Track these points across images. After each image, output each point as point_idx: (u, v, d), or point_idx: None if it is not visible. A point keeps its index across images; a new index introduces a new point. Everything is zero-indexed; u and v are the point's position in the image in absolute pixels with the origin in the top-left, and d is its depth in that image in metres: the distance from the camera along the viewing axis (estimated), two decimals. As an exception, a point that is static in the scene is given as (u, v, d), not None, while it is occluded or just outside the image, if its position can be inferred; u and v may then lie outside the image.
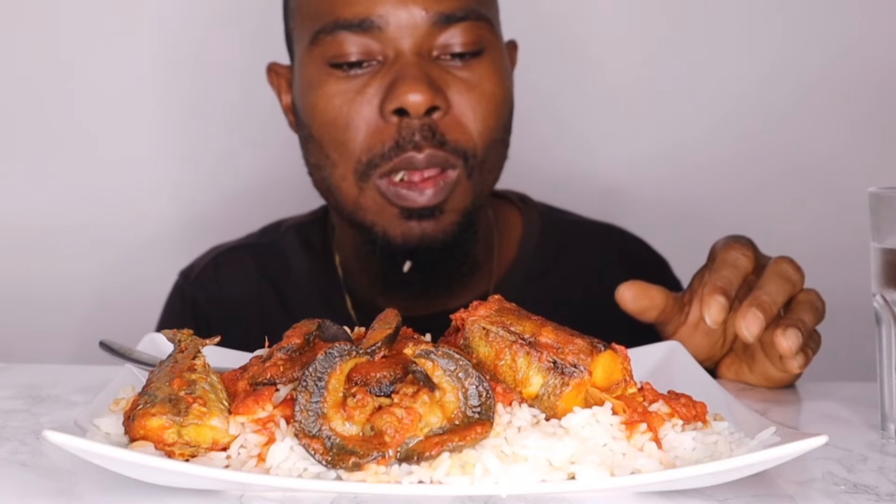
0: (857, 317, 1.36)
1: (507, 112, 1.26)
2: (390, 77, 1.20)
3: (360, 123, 1.20)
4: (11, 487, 0.75)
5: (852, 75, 1.86)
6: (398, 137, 1.19)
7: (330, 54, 1.21)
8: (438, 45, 1.21)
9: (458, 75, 1.22)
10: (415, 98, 1.17)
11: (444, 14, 1.20)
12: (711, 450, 0.79)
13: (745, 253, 1.06)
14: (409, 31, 1.20)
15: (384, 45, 1.20)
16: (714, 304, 1.00)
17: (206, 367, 0.81)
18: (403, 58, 1.20)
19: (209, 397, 0.77)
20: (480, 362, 0.83)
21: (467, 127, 1.21)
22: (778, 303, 1.01)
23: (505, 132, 1.27)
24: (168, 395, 0.77)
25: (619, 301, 1.07)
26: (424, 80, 1.18)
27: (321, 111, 1.23)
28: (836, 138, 1.87)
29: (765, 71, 1.87)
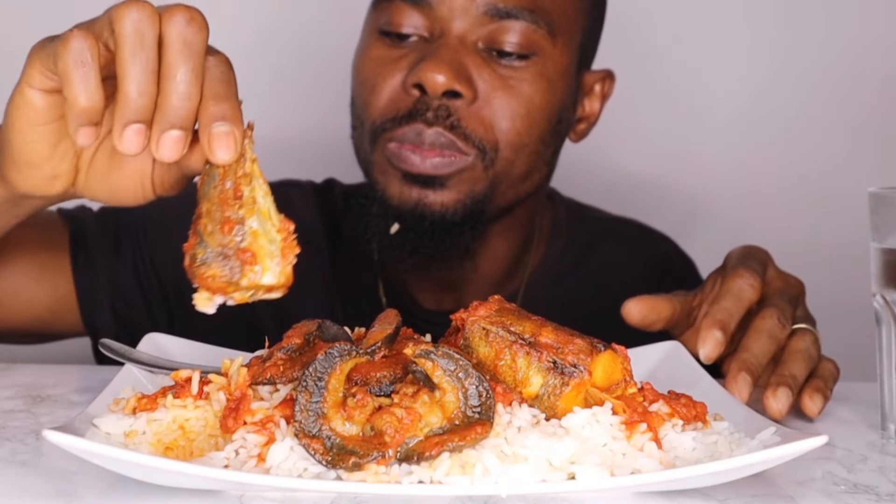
0: (857, 317, 1.36)
1: (544, 122, 1.24)
2: (423, 52, 1.20)
3: (384, 88, 1.22)
4: (11, 487, 0.75)
5: (853, 77, 1.86)
6: (412, 109, 1.19)
7: (382, 21, 1.23)
8: (485, 37, 1.20)
9: (497, 71, 1.21)
10: (434, 77, 1.17)
11: (497, 7, 1.19)
12: (711, 450, 0.79)
13: (751, 283, 1.04)
14: (458, 13, 1.20)
15: (432, 22, 1.21)
16: (710, 340, 0.99)
17: (251, 188, 0.76)
18: (445, 38, 1.20)
19: (259, 245, 0.74)
20: (480, 362, 0.83)
21: (491, 122, 1.20)
22: (763, 363, 0.99)
23: (541, 144, 1.25)
24: (220, 251, 0.74)
25: (625, 317, 1.06)
26: (451, 62, 1.18)
27: (359, 71, 1.25)
28: (837, 139, 1.87)
29: (765, 72, 1.87)
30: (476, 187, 1.22)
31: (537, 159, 1.25)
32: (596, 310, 1.13)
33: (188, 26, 0.76)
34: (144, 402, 0.81)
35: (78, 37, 0.76)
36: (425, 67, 1.17)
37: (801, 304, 1.08)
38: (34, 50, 0.81)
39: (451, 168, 1.20)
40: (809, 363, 1.00)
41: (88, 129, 0.77)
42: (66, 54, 0.75)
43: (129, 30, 0.75)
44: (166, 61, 0.76)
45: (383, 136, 1.21)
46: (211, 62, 0.78)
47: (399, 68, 1.22)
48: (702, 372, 0.97)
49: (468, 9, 1.19)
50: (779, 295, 1.05)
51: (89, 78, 0.75)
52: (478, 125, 1.20)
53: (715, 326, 1.00)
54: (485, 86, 1.20)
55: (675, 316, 1.07)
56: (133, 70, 0.75)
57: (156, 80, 0.76)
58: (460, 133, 1.19)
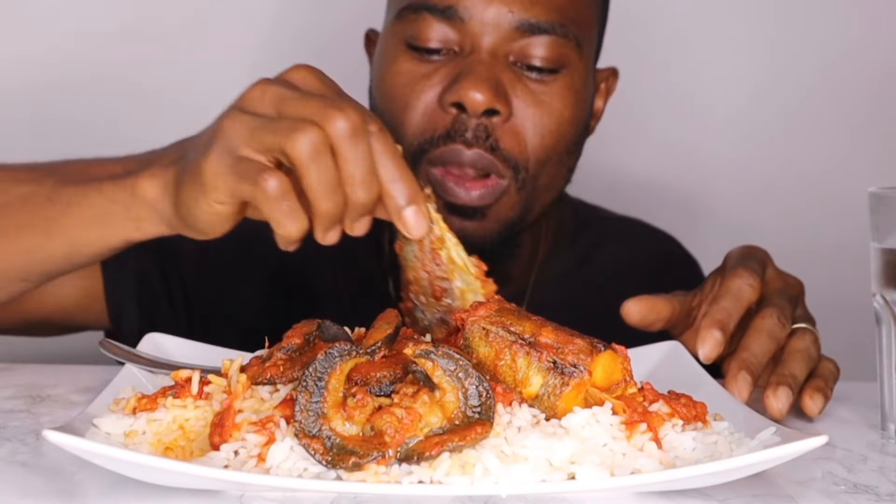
0: (857, 317, 1.36)
1: (571, 135, 1.23)
2: (458, 69, 1.18)
3: (418, 107, 1.20)
4: (11, 487, 0.75)
5: (853, 76, 1.86)
6: (451, 129, 1.18)
7: (409, 33, 1.21)
8: (516, 51, 1.19)
9: (528, 86, 1.19)
10: (475, 96, 1.15)
11: (529, 22, 1.18)
12: (711, 450, 0.79)
13: (750, 283, 1.04)
14: (490, 28, 1.18)
15: (463, 36, 1.19)
16: (709, 340, 0.99)
17: (446, 249, 0.85)
18: (477, 53, 1.18)
19: (467, 300, 0.84)
20: (480, 362, 0.83)
21: (524, 139, 1.19)
22: (763, 363, 0.99)
23: (566, 155, 1.24)
24: (439, 317, 0.85)
25: (625, 317, 1.06)
26: (490, 80, 1.16)
27: (387, 86, 1.23)
28: (837, 139, 1.87)
29: (765, 72, 1.87)
30: (511, 213, 1.21)
31: (561, 168, 1.25)
32: (600, 309, 1.13)
33: (353, 133, 0.82)
34: (144, 402, 0.82)
35: (270, 178, 0.83)
36: (465, 85, 1.15)
37: (800, 304, 1.08)
38: (210, 165, 0.86)
39: (491, 198, 1.19)
40: (809, 363, 1.00)
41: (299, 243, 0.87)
42: (265, 198, 0.83)
43: (307, 158, 0.82)
44: (345, 172, 0.83)
45: (423, 158, 1.19)
46: (375, 142, 0.84)
47: (432, 84, 1.20)
48: (702, 372, 0.97)
49: (500, 23, 1.18)
50: (778, 294, 1.05)
51: (295, 213, 0.84)
52: (513, 143, 1.19)
53: (714, 326, 1.00)
54: (518, 102, 1.19)
55: (675, 316, 1.07)
56: (319, 189, 0.83)
57: (340, 188, 0.84)
58: (499, 155, 1.18)
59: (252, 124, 0.85)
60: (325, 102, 0.83)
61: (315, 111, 0.83)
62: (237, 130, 0.85)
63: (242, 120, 0.86)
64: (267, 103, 0.86)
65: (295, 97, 0.85)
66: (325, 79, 0.88)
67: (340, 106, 0.83)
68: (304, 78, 0.88)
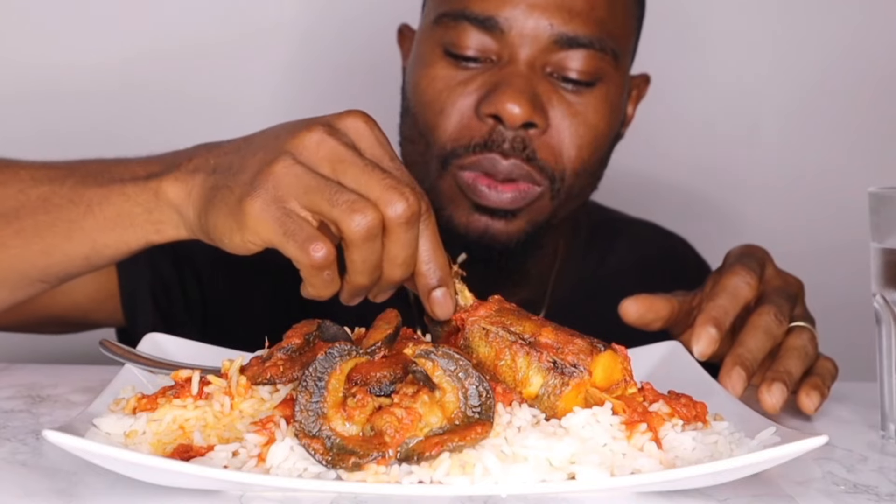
0: (857, 317, 1.36)
1: (606, 146, 1.25)
2: (496, 79, 1.18)
3: (453, 113, 1.20)
4: (11, 487, 0.75)
5: (853, 76, 1.86)
6: (488, 139, 1.18)
7: (448, 40, 1.21)
8: (553, 63, 1.19)
9: (565, 97, 1.20)
10: (513, 109, 1.15)
11: (568, 35, 1.18)
12: (711, 450, 0.79)
13: (748, 281, 1.04)
14: (529, 40, 1.18)
15: (501, 46, 1.19)
16: (704, 337, 0.99)
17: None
18: (515, 65, 1.18)
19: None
20: (480, 362, 0.83)
21: (560, 151, 1.20)
22: (758, 359, 0.99)
23: (598, 165, 1.26)
24: None
25: (623, 316, 1.06)
26: (528, 93, 1.17)
27: (422, 90, 1.23)
28: (837, 139, 1.87)
29: (765, 71, 1.87)
30: (540, 216, 1.22)
31: (593, 178, 1.26)
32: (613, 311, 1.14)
33: (409, 221, 0.84)
34: (144, 402, 0.82)
35: (319, 249, 0.83)
36: (503, 97, 1.16)
37: (799, 303, 1.08)
38: (255, 209, 0.85)
39: (523, 201, 1.19)
40: (805, 360, 1.00)
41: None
42: (308, 265, 0.84)
43: (360, 239, 0.83)
44: (390, 253, 0.85)
45: (454, 162, 1.20)
46: (422, 224, 0.86)
47: (468, 93, 1.20)
48: (702, 372, 0.97)
49: (538, 36, 1.18)
50: (777, 293, 1.05)
51: (332, 283, 0.86)
52: (550, 155, 1.19)
53: (709, 323, 1.00)
54: (555, 114, 1.19)
55: (674, 315, 1.07)
56: (362, 267, 0.85)
57: (380, 267, 0.86)
58: (536, 165, 1.18)
59: (307, 181, 0.84)
60: (386, 183, 0.84)
61: (377, 191, 0.83)
62: (290, 182, 0.84)
63: (297, 173, 0.84)
64: (324, 159, 0.85)
65: (355, 164, 0.85)
66: (379, 135, 0.88)
67: (401, 190, 0.84)
68: (360, 132, 0.87)
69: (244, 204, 0.85)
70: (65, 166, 1.04)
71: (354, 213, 0.82)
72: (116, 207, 0.97)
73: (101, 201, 0.97)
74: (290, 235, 0.84)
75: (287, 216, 0.84)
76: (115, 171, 0.99)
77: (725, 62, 1.87)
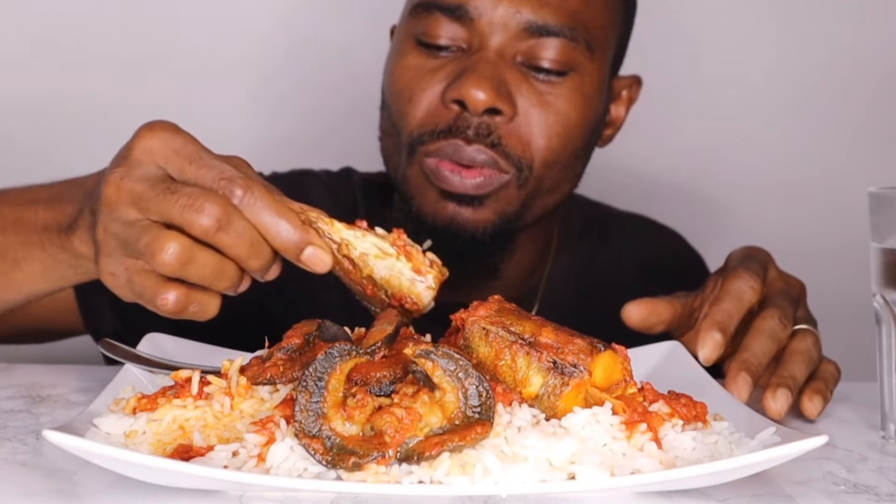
0: (857, 317, 1.36)
1: (579, 138, 1.22)
2: (463, 66, 1.18)
3: (421, 100, 1.20)
4: (11, 487, 0.75)
5: (853, 76, 1.86)
6: (452, 125, 1.17)
7: (420, 30, 1.21)
8: (524, 52, 1.18)
9: (535, 86, 1.19)
10: (476, 94, 1.15)
11: (537, 24, 1.17)
12: (711, 450, 0.79)
13: (752, 285, 1.04)
14: (498, 28, 1.18)
15: (472, 35, 1.19)
16: (709, 342, 0.99)
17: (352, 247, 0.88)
18: (484, 52, 1.18)
19: (399, 285, 0.88)
20: (480, 362, 0.83)
21: (529, 139, 1.19)
22: (763, 363, 0.98)
23: (573, 159, 1.23)
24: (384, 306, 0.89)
25: (626, 320, 1.06)
26: (493, 79, 1.16)
27: (394, 79, 1.23)
28: (837, 139, 1.87)
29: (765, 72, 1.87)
30: (509, 207, 1.20)
31: (568, 173, 1.24)
32: (610, 308, 1.13)
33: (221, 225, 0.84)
34: (144, 402, 0.82)
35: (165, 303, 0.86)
36: (467, 83, 1.15)
37: (802, 305, 1.08)
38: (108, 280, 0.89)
39: (491, 187, 1.18)
40: (810, 364, 1.00)
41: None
42: (171, 314, 0.87)
43: (177, 270, 0.84)
44: (232, 255, 0.85)
45: (420, 149, 1.19)
46: (246, 206, 0.85)
47: (437, 80, 1.20)
48: (702, 372, 0.97)
49: (508, 24, 1.18)
50: (780, 295, 1.05)
51: (207, 306, 0.88)
52: (517, 143, 1.18)
53: (714, 328, 1.00)
54: (524, 102, 1.18)
55: (676, 318, 1.07)
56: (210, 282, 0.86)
57: (229, 266, 0.86)
58: (501, 151, 1.17)
59: (122, 237, 0.86)
60: (180, 201, 0.84)
61: (176, 218, 0.84)
62: (113, 245, 0.87)
63: (113, 231, 0.87)
64: (128, 207, 0.86)
65: (151, 197, 0.85)
66: (173, 141, 0.87)
67: (197, 206, 0.83)
68: (152, 152, 0.87)
69: (102, 280, 0.90)
70: None
71: (155, 255, 0.83)
72: (41, 264, 1.01)
73: (27, 256, 1.02)
74: (141, 297, 0.87)
75: (130, 280, 0.87)
76: (26, 217, 1.02)
77: (726, 62, 1.87)
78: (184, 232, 0.84)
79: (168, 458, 0.73)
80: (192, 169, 0.86)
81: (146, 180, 0.86)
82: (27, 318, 1.23)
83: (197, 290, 0.87)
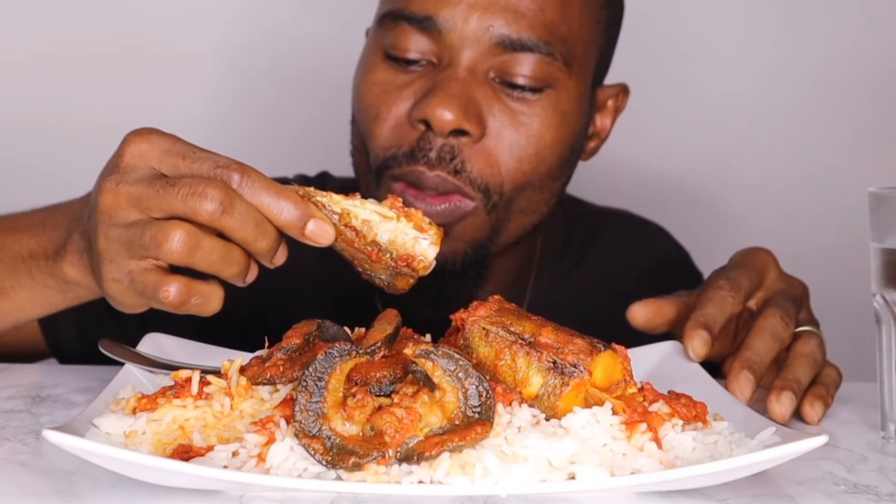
0: (857, 317, 1.36)
1: (554, 158, 1.16)
2: (432, 83, 1.12)
3: (388, 119, 1.14)
4: (11, 487, 0.75)
5: (853, 76, 1.86)
6: (415, 147, 1.12)
7: (388, 42, 1.15)
8: (496, 68, 1.12)
9: (507, 104, 1.13)
10: (442, 114, 1.09)
11: (511, 38, 1.11)
12: (711, 450, 0.79)
13: (733, 295, 1.02)
14: (470, 42, 1.12)
15: (441, 49, 1.13)
16: (697, 338, 0.98)
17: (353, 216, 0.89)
18: (453, 69, 1.12)
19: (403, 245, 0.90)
20: (480, 362, 0.83)
21: (496, 161, 1.13)
22: (766, 362, 0.98)
23: (548, 179, 1.17)
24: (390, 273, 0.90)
25: (631, 320, 1.05)
26: (461, 98, 1.10)
27: (361, 95, 1.18)
28: (837, 139, 1.87)
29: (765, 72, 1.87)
30: (477, 234, 1.16)
31: (543, 193, 1.19)
32: (601, 308, 1.13)
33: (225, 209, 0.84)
34: (144, 402, 0.82)
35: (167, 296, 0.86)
36: (432, 103, 1.09)
37: (804, 306, 1.08)
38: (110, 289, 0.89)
39: (455, 216, 1.13)
40: (814, 367, 1.00)
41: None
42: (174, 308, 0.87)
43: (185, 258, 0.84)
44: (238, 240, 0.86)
45: (386, 173, 1.14)
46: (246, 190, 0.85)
47: (404, 97, 1.14)
48: (702, 372, 0.97)
49: (480, 38, 1.11)
50: (781, 296, 1.05)
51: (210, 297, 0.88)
52: (484, 166, 1.12)
53: (699, 327, 0.99)
54: (494, 122, 1.12)
55: (679, 317, 1.07)
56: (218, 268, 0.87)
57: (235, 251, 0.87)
58: (464, 177, 1.12)
59: (125, 238, 0.86)
60: (184, 193, 0.84)
61: (180, 209, 0.84)
62: (115, 250, 0.87)
63: (114, 236, 0.87)
64: (128, 209, 0.86)
65: (150, 194, 0.85)
66: (162, 142, 0.88)
67: (199, 192, 0.83)
68: (143, 155, 0.87)
69: (104, 288, 0.90)
70: None
71: (161, 244, 0.84)
72: (29, 291, 1.03)
73: (13, 284, 1.03)
74: (144, 295, 0.87)
75: (132, 281, 0.87)
76: (10, 245, 1.04)
77: (726, 62, 1.87)
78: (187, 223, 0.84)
79: (168, 458, 0.73)
80: (187, 163, 0.86)
81: (142, 182, 0.86)
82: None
83: (199, 283, 0.87)
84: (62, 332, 1.24)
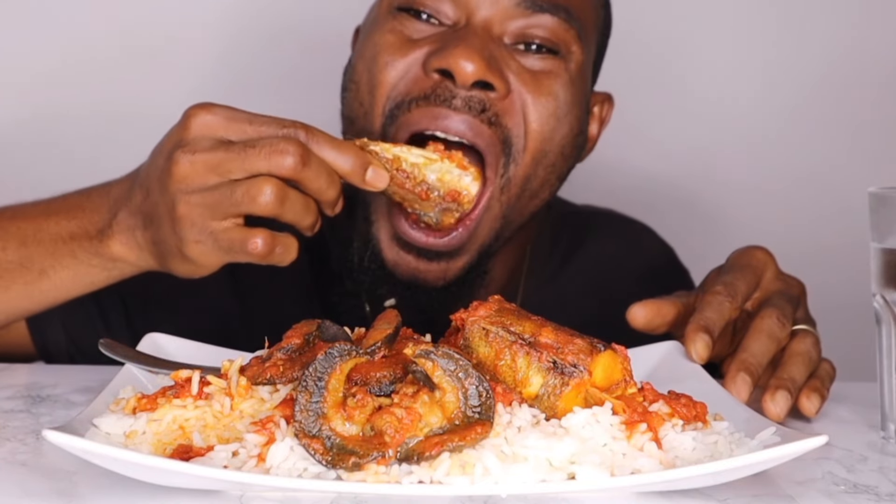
0: (857, 317, 1.36)
1: (566, 127, 1.16)
2: (449, 38, 1.11)
3: (398, 66, 1.13)
4: (11, 487, 0.75)
5: (853, 76, 1.86)
6: (431, 93, 1.10)
7: (402, 1, 1.14)
8: (514, 32, 1.12)
9: (525, 64, 1.13)
10: (464, 65, 1.07)
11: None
12: (711, 450, 0.79)
13: (730, 300, 1.02)
14: (488, 3, 1.12)
15: (458, 8, 1.12)
16: (698, 341, 0.98)
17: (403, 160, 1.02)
18: (470, 26, 1.11)
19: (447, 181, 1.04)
20: (480, 362, 0.83)
21: (526, 118, 1.12)
22: (763, 363, 0.98)
23: (560, 156, 1.17)
24: (438, 209, 1.05)
25: (631, 321, 1.05)
26: (482, 52, 1.09)
27: (371, 45, 1.15)
28: (837, 139, 1.87)
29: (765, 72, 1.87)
30: (489, 235, 1.15)
31: (553, 173, 1.18)
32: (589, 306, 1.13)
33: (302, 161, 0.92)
34: (144, 402, 0.82)
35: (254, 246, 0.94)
36: (455, 53, 1.08)
37: (801, 305, 1.08)
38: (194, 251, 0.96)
39: (463, 239, 1.12)
40: (810, 366, 1.00)
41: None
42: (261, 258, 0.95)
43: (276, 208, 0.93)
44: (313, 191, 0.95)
45: (393, 124, 1.11)
46: (313, 145, 0.94)
47: (418, 46, 1.12)
48: (702, 372, 0.97)
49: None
50: (779, 295, 1.05)
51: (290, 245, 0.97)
52: (514, 123, 1.12)
53: (700, 330, 0.99)
54: (516, 80, 1.12)
55: (679, 317, 1.06)
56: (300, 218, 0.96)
57: (311, 201, 0.97)
58: (498, 131, 1.11)
59: (208, 201, 0.93)
60: (264, 152, 0.91)
61: (262, 165, 0.91)
62: (198, 213, 0.93)
63: (196, 201, 0.93)
64: (205, 175, 0.92)
65: (230, 157, 0.92)
66: (223, 111, 0.94)
67: (277, 147, 0.91)
68: (209, 125, 0.94)
69: (185, 252, 0.95)
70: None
71: (255, 197, 0.91)
72: (71, 270, 1.06)
73: (54, 264, 1.06)
74: (230, 251, 0.94)
75: (216, 240, 0.94)
76: (48, 228, 1.06)
77: (726, 62, 1.87)
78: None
79: (168, 458, 0.73)
80: (254, 128, 0.93)
81: (216, 148, 0.92)
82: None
83: (279, 234, 0.95)
84: (49, 334, 1.24)
